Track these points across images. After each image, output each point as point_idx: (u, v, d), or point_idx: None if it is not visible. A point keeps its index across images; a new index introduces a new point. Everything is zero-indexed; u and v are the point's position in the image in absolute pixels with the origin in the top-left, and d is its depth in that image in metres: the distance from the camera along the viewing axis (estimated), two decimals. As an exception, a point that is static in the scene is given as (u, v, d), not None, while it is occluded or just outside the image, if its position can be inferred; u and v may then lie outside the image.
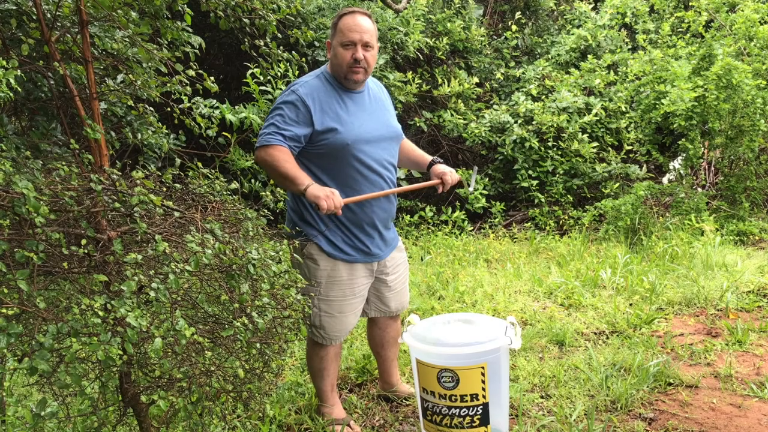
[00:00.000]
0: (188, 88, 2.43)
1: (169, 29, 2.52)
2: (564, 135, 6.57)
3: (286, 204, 2.55)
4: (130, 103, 2.36)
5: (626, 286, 4.25)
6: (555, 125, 6.50)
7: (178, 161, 3.51)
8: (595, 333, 3.58)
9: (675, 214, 5.69)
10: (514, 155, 6.64)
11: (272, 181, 2.45)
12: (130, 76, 2.32)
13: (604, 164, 6.57)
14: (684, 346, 3.31)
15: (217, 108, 4.74)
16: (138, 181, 1.73)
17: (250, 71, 4.84)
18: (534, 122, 6.61)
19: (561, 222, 6.42)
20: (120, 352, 1.57)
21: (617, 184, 6.39)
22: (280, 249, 2.01)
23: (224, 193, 2.06)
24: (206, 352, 1.77)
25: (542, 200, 6.51)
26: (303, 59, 3.35)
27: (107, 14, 2.27)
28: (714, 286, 4.14)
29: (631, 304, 3.98)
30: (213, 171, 2.14)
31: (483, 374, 2.23)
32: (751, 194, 5.97)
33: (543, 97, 7.04)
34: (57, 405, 1.78)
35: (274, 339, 1.92)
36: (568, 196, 6.53)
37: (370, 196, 2.40)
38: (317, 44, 6.06)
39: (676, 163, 6.41)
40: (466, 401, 2.26)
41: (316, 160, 2.39)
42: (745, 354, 3.23)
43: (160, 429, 1.96)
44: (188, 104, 2.79)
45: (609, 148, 6.73)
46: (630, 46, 7.68)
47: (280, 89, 4.99)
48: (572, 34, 7.74)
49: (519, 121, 6.75)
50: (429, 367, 2.28)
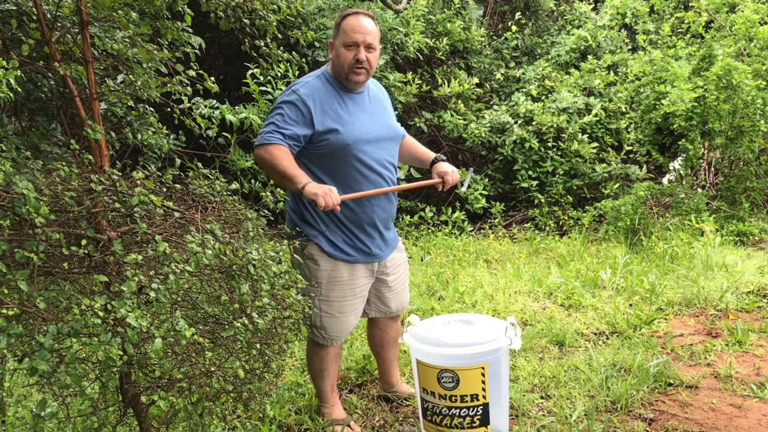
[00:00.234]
0: (189, 89, 2.43)
1: (170, 30, 2.52)
2: (564, 135, 6.57)
3: (287, 204, 2.55)
4: (131, 104, 2.36)
5: (626, 287, 4.25)
6: (555, 126, 6.51)
7: (178, 161, 3.51)
8: (595, 333, 3.59)
9: (675, 215, 5.69)
10: (514, 156, 6.64)
11: (272, 182, 2.45)
12: (131, 77, 2.32)
13: (604, 165, 6.57)
14: (684, 347, 3.31)
15: (217, 108, 4.74)
16: (138, 182, 1.73)
17: (250, 71, 4.84)
18: (534, 123, 6.61)
19: (561, 222, 6.42)
20: (120, 353, 1.57)
21: (617, 185, 6.39)
22: (281, 249, 2.01)
23: (224, 194, 2.06)
24: (206, 353, 1.77)
25: (542, 201, 6.51)
26: (303, 60, 3.35)
27: (107, 15, 2.27)
28: (714, 287, 4.14)
29: (631, 305, 3.98)
30: (213, 171, 2.14)
31: (483, 375, 2.23)
32: (751, 195, 5.97)
33: (543, 98, 7.04)
34: (57, 405, 1.78)
35: (275, 339, 1.92)
36: (568, 197, 6.53)
37: (368, 194, 2.40)
38: (317, 45, 6.06)
39: (676, 164, 6.41)
40: (467, 401, 2.26)
41: (317, 160, 2.39)
42: (745, 354, 3.23)
43: (160, 429, 1.96)
44: (188, 105, 2.79)
45: (609, 149, 6.73)
46: (630, 47, 7.69)
47: (280, 89, 4.99)
48: (572, 35, 7.74)
49: (519, 122, 6.75)
50: (429, 368, 2.27)
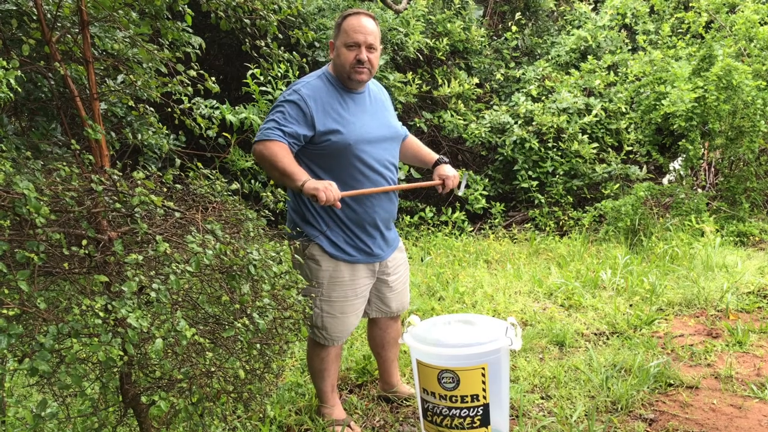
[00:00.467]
0: (189, 89, 2.42)
1: (170, 30, 2.52)
2: (564, 136, 6.57)
3: (287, 205, 2.55)
4: (131, 104, 2.36)
5: (626, 287, 4.25)
6: (555, 126, 6.51)
7: (178, 162, 3.51)
8: (596, 334, 3.58)
9: (675, 215, 5.69)
10: (514, 156, 6.64)
11: (272, 182, 2.44)
12: (131, 77, 2.32)
13: (604, 165, 6.57)
14: (684, 347, 3.31)
15: (217, 108, 4.74)
16: (139, 182, 1.73)
17: (250, 72, 4.84)
18: (534, 123, 6.61)
19: (561, 223, 6.42)
20: (121, 353, 1.57)
21: (617, 185, 6.39)
22: (281, 250, 2.01)
23: (225, 194, 2.06)
24: (207, 353, 1.77)
25: (542, 201, 6.51)
26: (303, 60, 3.35)
27: (108, 15, 2.27)
28: (714, 287, 4.14)
29: (632, 305, 3.98)
30: (213, 172, 2.14)
31: (483, 375, 2.23)
32: (751, 195, 5.97)
33: (543, 98, 7.04)
34: (57, 406, 1.78)
35: (275, 340, 1.92)
36: (568, 197, 6.53)
37: (368, 191, 2.40)
38: (317, 45, 6.06)
39: (676, 164, 6.41)
40: (467, 402, 2.26)
41: (318, 160, 2.39)
42: (746, 355, 3.23)
43: (161, 430, 1.96)
44: (188, 105, 2.79)
45: (609, 149, 6.74)
46: (630, 47, 7.69)
47: (281, 90, 4.99)
48: (572, 35, 7.74)
49: (519, 122, 6.75)
50: (429, 368, 2.27)
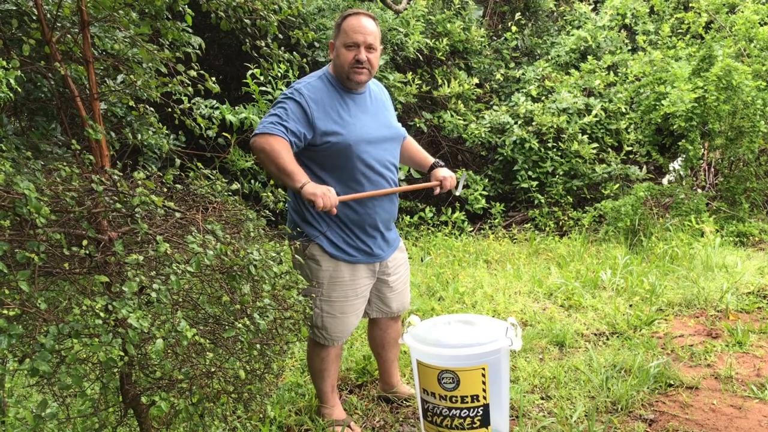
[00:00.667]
0: (190, 89, 2.42)
1: (170, 30, 2.52)
2: (564, 136, 6.57)
3: (288, 205, 2.55)
4: (131, 104, 2.36)
5: (626, 287, 4.25)
6: (555, 126, 6.51)
7: (178, 162, 3.51)
8: (596, 334, 3.58)
9: (675, 215, 5.69)
10: (514, 156, 6.65)
11: (272, 182, 2.44)
12: (131, 77, 2.32)
13: (604, 165, 6.57)
14: (684, 348, 3.31)
15: (217, 108, 4.74)
16: (139, 182, 1.73)
17: (250, 72, 4.84)
18: (534, 123, 6.61)
19: (561, 223, 6.42)
20: (121, 353, 1.57)
21: (617, 185, 6.39)
22: (281, 250, 2.01)
23: (225, 194, 2.05)
24: (207, 354, 1.77)
25: (542, 201, 6.51)
26: (303, 60, 3.35)
27: (108, 15, 2.27)
28: (714, 288, 4.15)
29: (631, 305, 3.98)
30: (213, 172, 2.14)
31: (484, 375, 2.23)
32: (751, 195, 5.97)
33: (543, 98, 7.04)
34: (57, 406, 1.78)
35: (276, 340, 1.92)
36: (568, 197, 6.53)
37: (366, 195, 2.39)
38: (317, 45, 6.06)
39: (676, 164, 6.41)
40: (467, 402, 2.26)
41: (319, 161, 2.39)
42: (746, 355, 3.23)
43: (161, 430, 1.96)
44: (188, 105, 2.79)
45: (609, 149, 6.74)
46: (630, 47, 7.69)
47: (281, 90, 4.99)
48: (572, 35, 7.74)
49: (519, 122, 6.75)
50: (429, 368, 2.27)
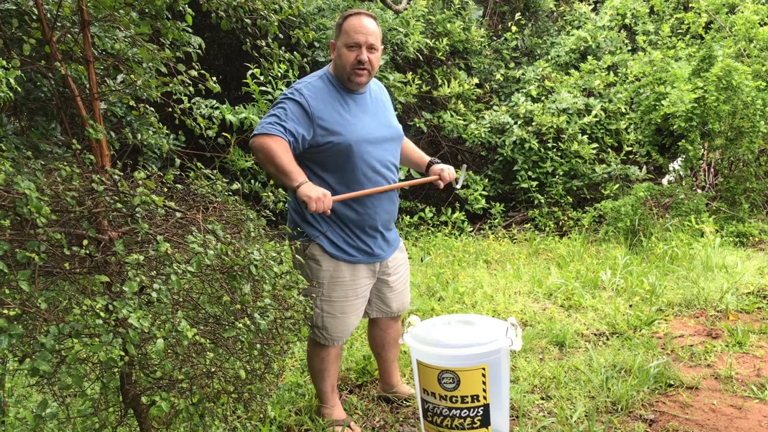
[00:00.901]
0: (190, 89, 2.42)
1: (170, 30, 2.52)
2: (564, 136, 6.57)
3: (288, 205, 2.55)
4: (131, 104, 2.35)
5: (626, 288, 4.25)
6: (555, 126, 6.51)
7: (178, 161, 3.51)
8: (595, 334, 3.58)
9: (675, 216, 5.69)
10: (514, 156, 6.65)
11: (272, 182, 2.44)
12: (131, 76, 2.31)
13: (604, 165, 6.57)
14: (684, 348, 3.31)
15: (217, 108, 4.74)
16: (140, 182, 1.73)
17: (250, 71, 4.84)
18: (534, 123, 6.61)
19: (561, 223, 6.42)
20: (121, 353, 1.57)
21: (617, 186, 6.39)
22: (282, 250, 2.01)
23: (225, 194, 2.05)
24: (208, 353, 1.77)
25: (542, 201, 6.51)
26: (303, 60, 3.35)
27: (108, 14, 2.27)
28: (714, 288, 4.15)
29: (631, 306, 3.98)
30: (213, 171, 2.14)
31: (484, 375, 2.23)
32: (751, 195, 5.98)
33: (543, 98, 7.05)
34: (57, 406, 1.78)
35: (276, 340, 1.92)
36: (568, 197, 6.53)
37: (362, 193, 2.39)
38: (317, 45, 6.06)
39: (676, 165, 6.42)
40: (467, 402, 2.26)
41: (320, 162, 2.38)
42: (746, 355, 3.23)
43: (161, 430, 1.96)
44: (188, 104, 2.78)
45: (609, 149, 6.74)
46: (630, 48, 7.69)
47: (281, 90, 4.99)
48: (572, 35, 7.74)
49: (519, 122, 6.75)
50: (430, 368, 2.27)
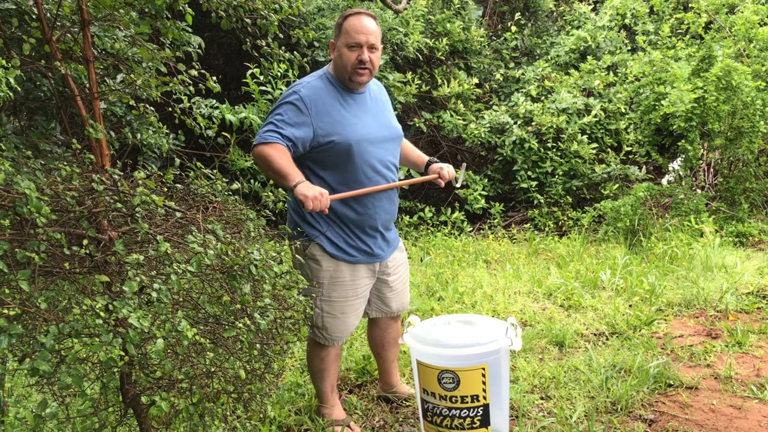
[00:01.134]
0: (190, 88, 2.42)
1: (170, 29, 2.52)
2: (563, 136, 6.57)
3: (288, 205, 2.55)
4: (131, 103, 2.35)
5: (626, 288, 4.25)
6: (554, 126, 6.51)
7: (178, 161, 3.51)
8: (595, 334, 3.59)
9: (674, 216, 5.69)
10: (514, 156, 6.64)
11: (272, 182, 2.44)
12: (131, 76, 2.31)
13: (604, 165, 6.58)
14: (684, 348, 3.31)
15: (217, 108, 4.73)
16: (140, 182, 1.73)
17: (250, 71, 4.84)
18: (533, 123, 6.61)
19: (560, 223, 6.42)
20: (121, 353, 1.57)
21: (616, 186, 6.39)
22: (282, 250, 2.01)
23: (225, 194, 2.05)
24: (207, 353, 1.77)
25: (541, 201, 6.51)
26: (303, 59, 3.35)
27: (108, 14, 2.27)
28: (713, 288, 4.15)
29: (631, 306, 3.99)
30: (213, 171, 2.14)
31: (484, 375, 2.23)
32: (750, 195, 5.98)
33: (542, 98, 7.05)
34: (57, 406, 1.78)
35: (276, 340, 1.92)
36: (568, 197, 6.53)
37: (360, 192, 2.39)
38: (317, 44, 6.06)
39: (676, 165, 6.42)
40: (467, 402, 2.26)
41: (320, 161, 2.38)
42: (745, 355, 3.23)
43: (161, 430, 1.96)
44: (188, 104, 2.78)
45: (608, 149, 6.74)
46: (629, 48, 7.69)
47: (280, 89, 4.99)
48: (572, 35, 7.75)
49: (518, 122, 6.75)
50: (429, 368, 2.27)
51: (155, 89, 2.35)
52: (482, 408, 2.27)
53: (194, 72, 2.39)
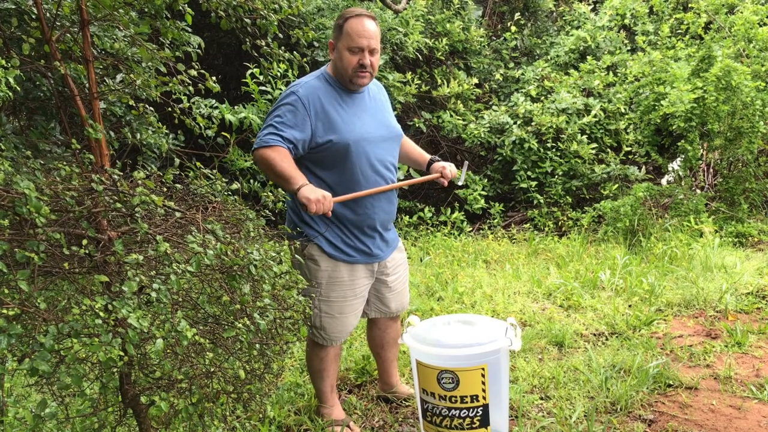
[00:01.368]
0: (190, 88, 2.42)
1: (170, 29, 2.51)
2: (563, 136, 6.57)
3: (287, 205, 2.55)
4: (131, 103, 2.35)
5: (625, 288, 4.25)
6: (554, 126, 6.51)
7: (178, 161, 3.51)
8: (595, 334, 3.59)
9: (674, 216, 5.69)
10: (513, 156, 6.65)
11: (271, 182, 2.44)
12: (131, 76, 2.31)
13: (603, 165, 6.58)
14: (683, 348, 3.31)
15: (217, 108, 4.73)
16: (140, 182, 1.73)
17: (250, 71, 4.84)
18: (533, 123, 6.61)
19: (560, 223, 6.42)
20: (121, 353, 1.57)
21: (616, 186, 6.39)
22: (281, 250, 2.01)
23: (225, 194, 2.05)
24: (207, 353, 1.77)
25: (541, 201, 6.51)
26: (303, 59, 3.35)
27: (108, 14, 2.27)
28: (713, 288, 4.15)
29: (630, 306, 3.99)
30: (213, 171, 2.14)
31: (483, 375, 2.23)
32: (750, 196, 5.98)
33: (542, 98, 7.05)
34: (56, 406, 1.78)
35: (275, 340, 1.92)
36: (567, 197, 6.53)
37: (362, 194, 2.38)
38: (316, 44, 6.06)
39: (675, 165, 6.42)
40: (467, 402, 2.26)
41: (319, 162, 2.38)
42: (745, 356, 3.23)
43: (160, 430, 1.95)
44: (188, 104, 2.78)
45: (608, 150, 6.74)
46: (629, 48, 7.70)
47: (280, 89, 4.99)
48: (571, 35, 7.75)
49: (518, 122, 6.75)
50: (429, 368, 2.27)
51: (155, 89, 2.35)
52: (482, 408, 2.27)
53: (194, 72, 2.39)
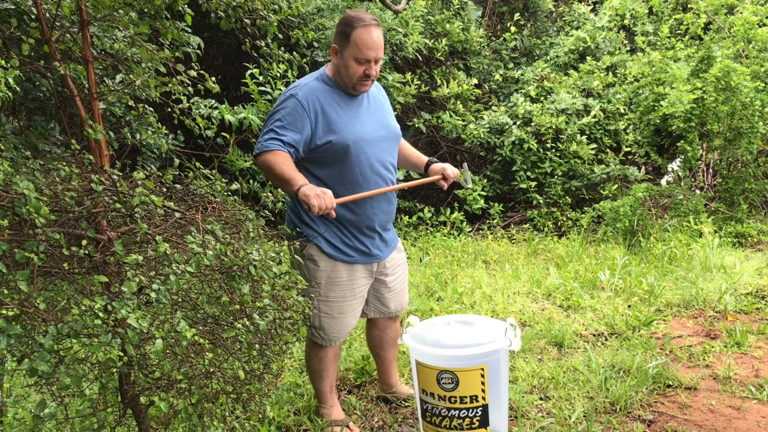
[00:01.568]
0: (189, 89, 2.42)
1: (169, 30, 2.51)
2: (563, 136, 6.57)
3: (286, 205, 2.55)
4: (130, 103, 2.35)
5: (625, 288, 4.25)
6: (554, 127, 6.51)
7: (177, 161, 3.51)
8: (594, 334, 3.59)
9: (673, 216, 5.70)
10: (513, 156, 6.65)
11: (271, 183, 2.45)
12: (130, 76, 2.31)
13: (603, 166, 6.58)
14: (683, 348, 3.31)
15: (216, 108, 4.73)
16: (139, 182, 1.73)
17: (249, 72, 4.83)
18: (533, 123, 6.62)
19: (559, 223, 6.42)
20: (120, 353, 1.57)
21: (615, 186, 6.40)
22: (281, 250, 2.01)
23: (224, 194, 2.05)
24: (206, 354, 1.77)
25: (541, 201, 6.51)
26: (303, 60, 3.35)
27: (107, 14, 2.27)
28: (712, 288, 4.15)
29: (630, 306, 3.99)
30: (212, 172, 2.13)
31: (483, 376, 2.23)
32: (749, 196, 5.98)
33: (542, 99, 7.05)
34: (55, 406, 1.78)
35: (275, 340, 1.92)
36: (567, 198, 6.54)
37: (364, 195, 2.38)
38: (316, 45, 6.06)
39: (675, 165, 6.42)
40: (466, 403, 2.26)
41: (318, 162, 2.38)
42: (744, 356, 3.23)
43: (159, 430, 1.95)
44: (187, 104, 2.78)
45: (607, 150, 6.74)
46: (629, 48, 7.70)
47: (280, 90, 4.99)
48: (571, 36, 7.75)
49: (518, 123, 6.75)
50: (428, 369, 2.27)
51: (154, 89, 2.35)
52: (481, 408, 2.27)
53: (193, 72, 2.39)
